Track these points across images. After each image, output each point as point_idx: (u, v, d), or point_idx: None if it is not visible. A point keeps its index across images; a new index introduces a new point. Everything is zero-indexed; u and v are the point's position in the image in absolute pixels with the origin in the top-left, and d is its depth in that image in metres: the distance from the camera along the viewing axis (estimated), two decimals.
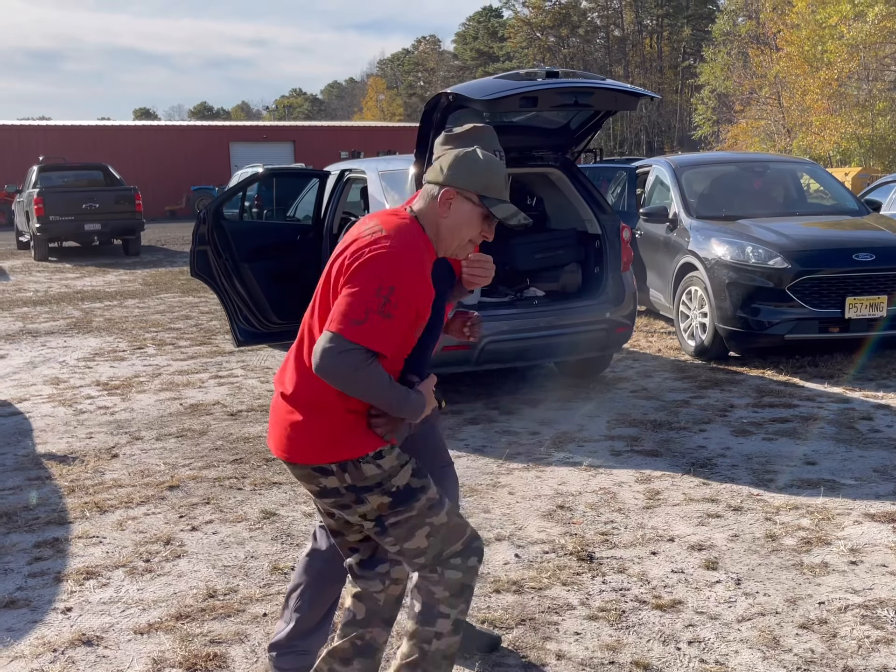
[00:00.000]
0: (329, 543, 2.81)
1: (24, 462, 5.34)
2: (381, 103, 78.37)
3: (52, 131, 36.18)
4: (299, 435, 2.36)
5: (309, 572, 2.85)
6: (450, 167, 2.38)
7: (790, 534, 4.05)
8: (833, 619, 3.29)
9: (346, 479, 2.35)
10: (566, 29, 66.69)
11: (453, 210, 2.37)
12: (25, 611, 3.50)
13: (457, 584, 2.46)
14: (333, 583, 2.82)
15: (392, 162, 7.17)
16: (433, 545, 2.42)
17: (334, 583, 2.82)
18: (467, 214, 2.38)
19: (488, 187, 2.38)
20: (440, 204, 2.36)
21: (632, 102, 6.17)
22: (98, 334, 9.63)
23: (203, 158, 37.24)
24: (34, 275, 15.85)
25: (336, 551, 2.76)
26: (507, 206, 2.41)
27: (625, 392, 6.69)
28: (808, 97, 29.92)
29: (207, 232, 6.83)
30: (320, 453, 2.34)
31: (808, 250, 7.22)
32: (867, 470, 4.86)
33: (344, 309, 2.22)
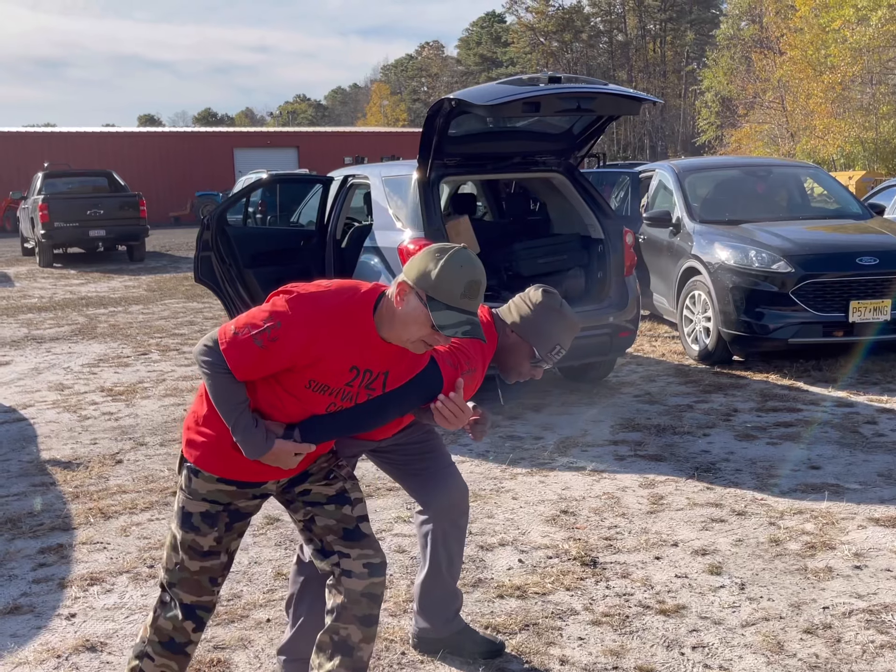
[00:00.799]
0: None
1: (28, 468, 5.35)
2: (385, 109, 78.54)
3: (57, 138, 36.28)
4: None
5: (297, 581, 2.92)
6: (412, 259, 2.35)
7: (794, 538, 4.05)
8: (837, 624, 3.28)
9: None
10: (569, 34, 66.75)
11: (405, 303, 2.30)
12: (30, 617, 3.51)
13: (164, 632, 2.59)
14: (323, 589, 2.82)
15: (395, 167, 7.19)
16: (172, 572, 2.57)
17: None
18: (414, 312, 2.29)
19: (438, 289, 2.25)
20: (396, 293, 2.33)
21: (635, 107, 6.18)
22: (102, 340, 9.65)
23: (207, 164, 37.31)
24: (39, 281, 15.90)
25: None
26: (451, 313, 2.25)
27: (628, 396, 6.69)
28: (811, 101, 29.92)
29: (211, 238, 6.85)
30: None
31: (812, 254, 7.22)
32: (871, 474, 4.85)
33: (238, 321, 2.37)
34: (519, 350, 2.81)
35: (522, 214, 7.82)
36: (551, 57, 66.18)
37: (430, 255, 2.32)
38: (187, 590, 2.55)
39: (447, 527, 3.04)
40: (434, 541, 3.05)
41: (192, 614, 2.56)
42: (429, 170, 6.05)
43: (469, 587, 3.64)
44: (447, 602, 3.12)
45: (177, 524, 2.54)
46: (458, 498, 3.04)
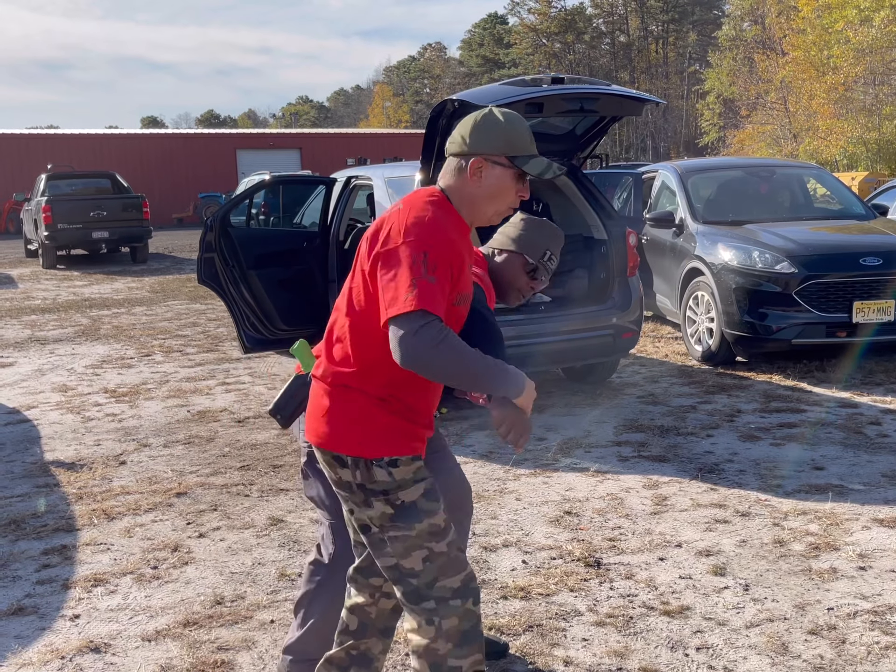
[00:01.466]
0: (330, 554, 2.81)
1: (32, 469, 5.35)
2: (388, 110, 78.60)
3: (60, 140, 36.34)
4: (325, 418, 2.30)
5: (313, 581, 2.86)
6: (471, 134, 2.27)
7: (798, 539, 4.04)
8: (842, 625, 3.28)
9: (357, 476, 2.27)
10: (571, 35, 66.78)
11: (485, 178, 2.26)
12: (33, 618, 3.51)
13: (456, 631, 2.27)
14: (341, 587, 2.81)
15: (398, 168, 7.19)
16: (427, 570, 2.27)
17: (341, 588, 2.81)
18: (499, 179, 2.26)
19: (515, 146, 2.26)
20: (470, 175, 2.26)
21: (637, 108, 6.18)
22: (106, 342, 9.66)
23: (210, 166, 37.36)
24: (42, 283, 15.92)
25: (341, 561, 2.76)
26: (538, 161, 2.28)
27: (632, 398, 6.68)
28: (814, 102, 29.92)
29: (214, 239, 6.85)
30: (338, 441, 2.28)
31: (815, 255, 7.21)
32: (875, 475, 4.84)
33: (393, 293, 2.10)
34: (512, 265, 2.87)
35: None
36: (553, 58, 66.22)
37: (487, 123, 2.27)
38: (451, 572, 2.29)
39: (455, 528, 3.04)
40: None
41: (466, 590, 2.30)
42: (431, 171, 6.05)
43: None
44: None
45: (403, 525, 2.27)
46: (461, 498, 3.04)
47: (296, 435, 2.95)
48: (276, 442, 5.78)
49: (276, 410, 2.74)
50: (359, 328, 2.26)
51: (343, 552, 2.77)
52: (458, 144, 2.30)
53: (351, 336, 2.28)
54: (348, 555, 2.77)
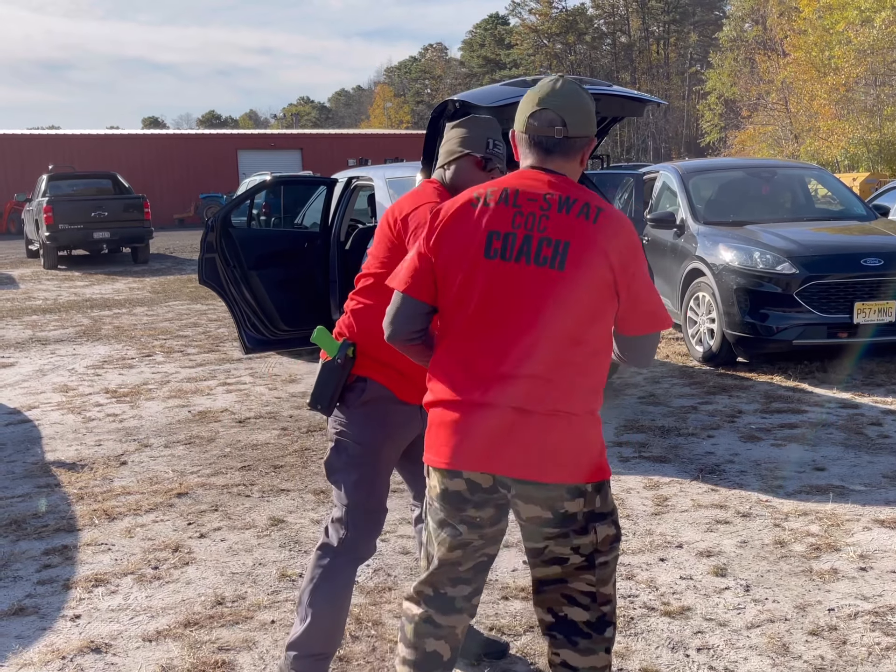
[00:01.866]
0: (341, 538, 2.79)
1: (33, 469, 5.36)
2: (389, 111, 78.62)
3: (61, 140, 36.37)
4: (568, 450, 2.13)
5: (320, 566, 2.80)
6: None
7: (799, 540, 4.04)
8: (843, 626, 3.27)
9: (595, 502, 2.18)
10: (573, 36, 66.80)
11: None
12: (34, 618, 3.51)
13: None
14: (347, 582, 2.80)
15: (399, 169, 7.19)
16: (615, 595, 2.29)
17: (347, 582, 2.81)
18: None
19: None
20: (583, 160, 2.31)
21: (638, 108, 6.18)
22: (107, 342, 9.66)
23: (211, 167, 37.39)
24: (43, 283, 15.93)
25: (351, 546, 2.75)
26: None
27: (632, 398, 6.68)
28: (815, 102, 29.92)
29: (216, 240, 6.86)
30: (587, 471, 2.15)
31: (816, 255, 7.21)
32: (877, 476, 4.84)
33: (655, 306, 2.22)
34: (465, 169, 2.86)
35: None
36: (555, 59, 66.24)
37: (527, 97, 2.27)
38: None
39: None
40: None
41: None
42: (432, 172, 6.06)
43: None
44: None
45: (618, 546, 2.29)
46: None
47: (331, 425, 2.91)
48: (276, 442, 5.78)
49: (314, 402, 2.76)
50: (599, 351, 2.18)
51: (355, 542, 2.76)
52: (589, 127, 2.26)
53: (594, 360, 2.17)
54: (357, 545, 2.76)
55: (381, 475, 2.80)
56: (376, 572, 3.82)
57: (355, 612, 3.43)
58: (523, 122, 2.25)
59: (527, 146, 2.26)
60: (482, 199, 2.19)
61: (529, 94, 2.26)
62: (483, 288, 2.14)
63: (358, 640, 3.26)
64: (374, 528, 2.81)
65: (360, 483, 2.75)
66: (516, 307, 2.12)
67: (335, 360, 2.71)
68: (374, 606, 3.51)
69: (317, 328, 2.78)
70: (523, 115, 2.26)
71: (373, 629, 3.34)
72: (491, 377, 2.13)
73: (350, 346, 2.73)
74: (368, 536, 2.79)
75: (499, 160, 2.85)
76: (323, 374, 2.74)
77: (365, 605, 3.51)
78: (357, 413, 2.74)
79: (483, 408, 2.12)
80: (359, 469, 2.75)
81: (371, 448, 2.75)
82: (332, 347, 2.74)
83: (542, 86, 2.24)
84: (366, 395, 2.73)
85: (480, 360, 2.14)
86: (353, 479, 2.75)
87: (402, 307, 2.26)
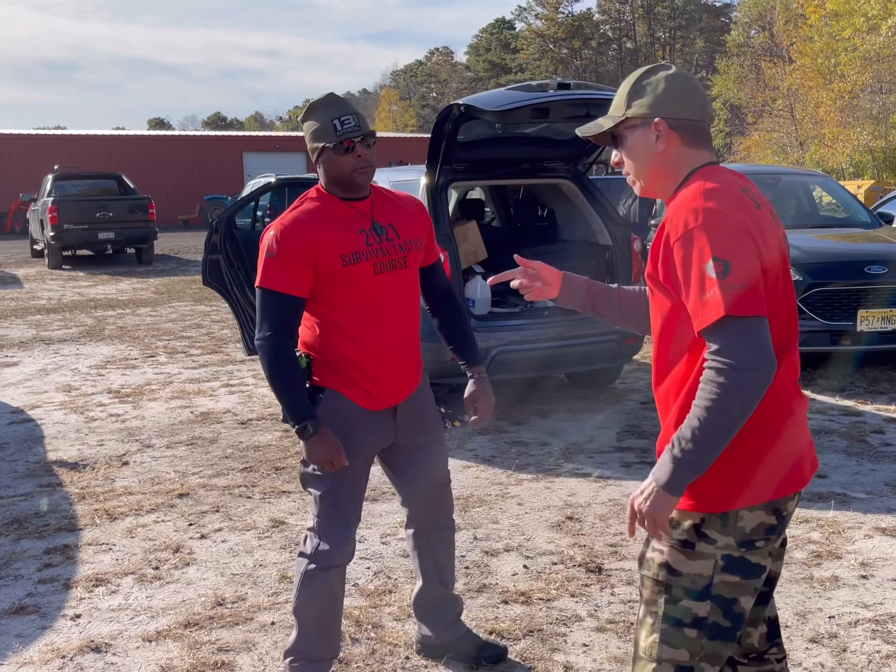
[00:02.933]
0: (313, 546, 2.79)
1: (35, 469, 5.36)
2: (394, 114, 78.66)
3: (67, 141, 36.46)
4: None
5: (299, 574, 2.85)
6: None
7: (800, 547, 4.03)
8: (843, 634, 3.27)
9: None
10: (579, 41, 66.86)
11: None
12: (35, 617, 3.52)
13: None
14: (328, 588, 2.81)
15: (404, 172, 7.20)
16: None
17: (328, 588, 2.81)
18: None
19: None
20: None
21: None
22: (110, 342, 9.68)
23: (216, 168, 37.45)
24: (48, 283, 15.95)
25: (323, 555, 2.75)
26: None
27: (635, 403, 6.67)
28: (821, 109, 29.91)
29: (220, 241, 6.86)
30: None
31: (820, 262, 7.20)
32: (878, 483, 4.83)
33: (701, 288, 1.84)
34: (330, 162, 2.67)
35: (530, 220, 7.81)
36: (560, 64, 66.30)
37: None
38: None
39: (430, 536, 3.06)
40: (419, 551, 3.08)
41: None
42: (437, 175, 6.06)
43: (473, 592, 3.64)
44: (445, 609, 3.13)
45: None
46: (441, 511, 3.05)
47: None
48: (278, 444, 5.78)
49: (284, 417, 2.76)
50: None
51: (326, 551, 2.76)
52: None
53: None
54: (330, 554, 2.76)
55: (345, 486, 2.77)
56: (377, 575, 3.82)
57: (355, 614, 3.43)
58: (699, 109, 1.98)
59: (704, 136, 2.01)
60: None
61: (689, 77, 2.02)
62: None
63: (357, 642, 3.26)
64: (344, 538, 2.79)
65: (327, 495, 2.76)
66: None
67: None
68: (374, 609, 3.51)
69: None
70: (698, 100, 2.00)
71: (372, 632, 3.34)
72: None
73: (305, 358, 2.72)
74: (340, 545, 2.78)
75: (355, 135, 2.63)
76: None
77: (365, 607, 3.51)
78: None
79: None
80: (324, 481, 2.75)
81: None
82: None
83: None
84: (323, 406, 2.71)
85: None
86: (320, 492, 2.76)
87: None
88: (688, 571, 1.88)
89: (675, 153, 1.95)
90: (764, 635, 2.13)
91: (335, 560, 2.79)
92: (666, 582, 1.90)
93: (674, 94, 1.95)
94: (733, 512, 1.86)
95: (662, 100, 1.95)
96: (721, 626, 1.89)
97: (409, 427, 2.89)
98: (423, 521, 3.05)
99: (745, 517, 1.87)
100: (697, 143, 1.96)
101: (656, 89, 1.96)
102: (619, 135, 2.02)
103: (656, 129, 1.94)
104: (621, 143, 2.02)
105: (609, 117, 2.04)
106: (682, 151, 1.95)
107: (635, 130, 1.97)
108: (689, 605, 1.88)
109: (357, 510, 2.84)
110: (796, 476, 1.94)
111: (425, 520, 3.04)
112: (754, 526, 1.88)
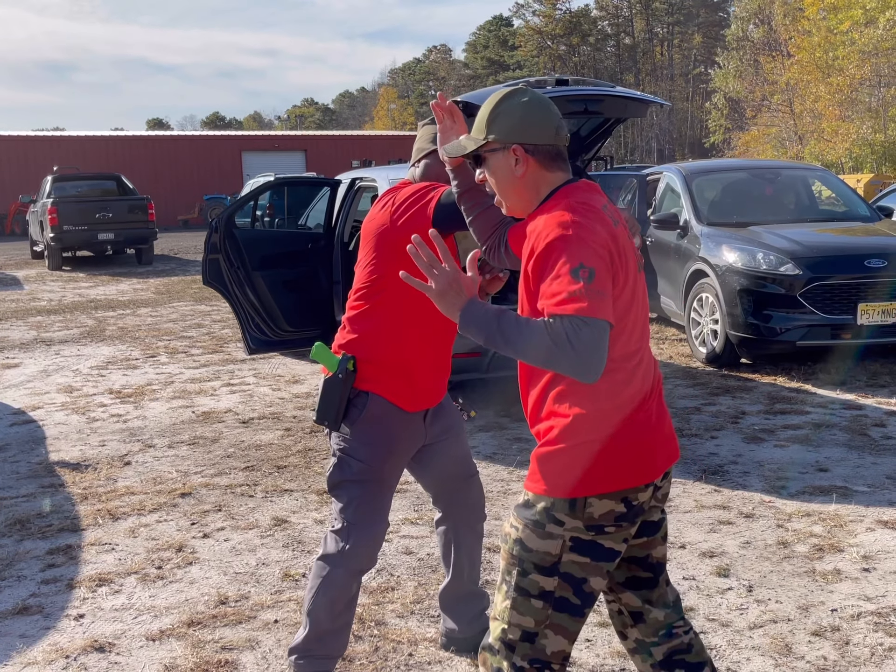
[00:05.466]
0: (339, 550, 2.80)
1: (37, 469, 5.37)
2: (392, 112, 78.60)
3: (66, 142, 36.45)
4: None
5: (320, 577, 2.84)
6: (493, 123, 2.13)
7: (802, 541, 4.04)
8: (846, 627, 3.27)
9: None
10: (577, 37, 66.80)
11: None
12: (38, 617, 3.52)
13: None
14: (347, 593, 2.81)
15: (403, 170, 7.19)
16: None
17: (348, 593, 2.81)
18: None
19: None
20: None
21: (642, 109, 6.17)
22: (111, 343, 9.68)
23: (215, 168, 37.45)
24: (48, 284, 15.96)
25: (351, 559, 2.75)
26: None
27: None
28: (819, 104, 29.90)
29: (219, 241, 6.87)
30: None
31: (820, 256, 7.20)
32: (880, 476, 4.84)
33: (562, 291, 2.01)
34: (432, 165, 2.82)
35: None
36: (558, 60, 66.25)
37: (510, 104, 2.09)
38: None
39: (466, 531, 3.07)
40: (457, 547, 3.08)
41: None
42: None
43: None
44: (472, 604, 3.15)
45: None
46: (476, 506, 3.07)
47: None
48: (280, 443, 5.79)
49: (321, 418, 2.75)
50: None
51: (355, 555, 2.76)
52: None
53: None
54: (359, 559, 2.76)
55: (383, 492, 2.78)
56: (379, 572, 3.82)
57: (358, 612, 3.43)
58: (554, 133, 2.11)
59: (560, 158, 2.14)
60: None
61: (544, 102, 2.12)
62: None
63: (361, 639, 3.27)
64: (375, 543, 2.79)
65: (363, 500, 2.74)
66: None
67: (336, 376, 2.71)
68: (377, 606, 3.51)
69: (315, 344, 2.76)
70: (552, 125, 2.10)
71: (375, 629, 3.34)
72: None
73: (350, 360, 2.72)
74: (370, 551, 2.78)
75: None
76: (325, 390, 2.73)
77: (368, 605, 3.52)
78: (359, 430, 2.73)
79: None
80: (361, 486, 2.74)
81: (373, 465, 2.74)
82: (331, 363, 2.73)
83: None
84: (368, 410, 2.71)
85: None
86: (355, 496, 2.74)
87: None
88: (537, 549, 2.05)
89: (534, 175, 2.09)
90: (669, 614, 2.27)
91: (364, 564, 2.78)
92: (518, 556, 2.07)
93: (530, 120, 2.07)
94: (581, 498, 2.03)
95: (519, 127, 2.07)
96: (570, 602, 2.06)
97: (435, 425, 2.91)
98: (459, 516, 3.05)
99: (595, 504, 2.03)
100: (553, 165, 2.10)
101: (513, 116, 2.08)
102: (481, 156, 2.15)
103: (514, 154, 2.07)
104: (484, 163, 2.15)
105: (471, 139, 2.17)
106: (540, 174, 2.09)
107: (496, 153, 2.10)
108: (538, 578, 2.05)
109: (387, 515, 2.84)
110: (647, 468, 2.08)
111: (461, 515, 3.05)
112: (603, 513, 2.03)
